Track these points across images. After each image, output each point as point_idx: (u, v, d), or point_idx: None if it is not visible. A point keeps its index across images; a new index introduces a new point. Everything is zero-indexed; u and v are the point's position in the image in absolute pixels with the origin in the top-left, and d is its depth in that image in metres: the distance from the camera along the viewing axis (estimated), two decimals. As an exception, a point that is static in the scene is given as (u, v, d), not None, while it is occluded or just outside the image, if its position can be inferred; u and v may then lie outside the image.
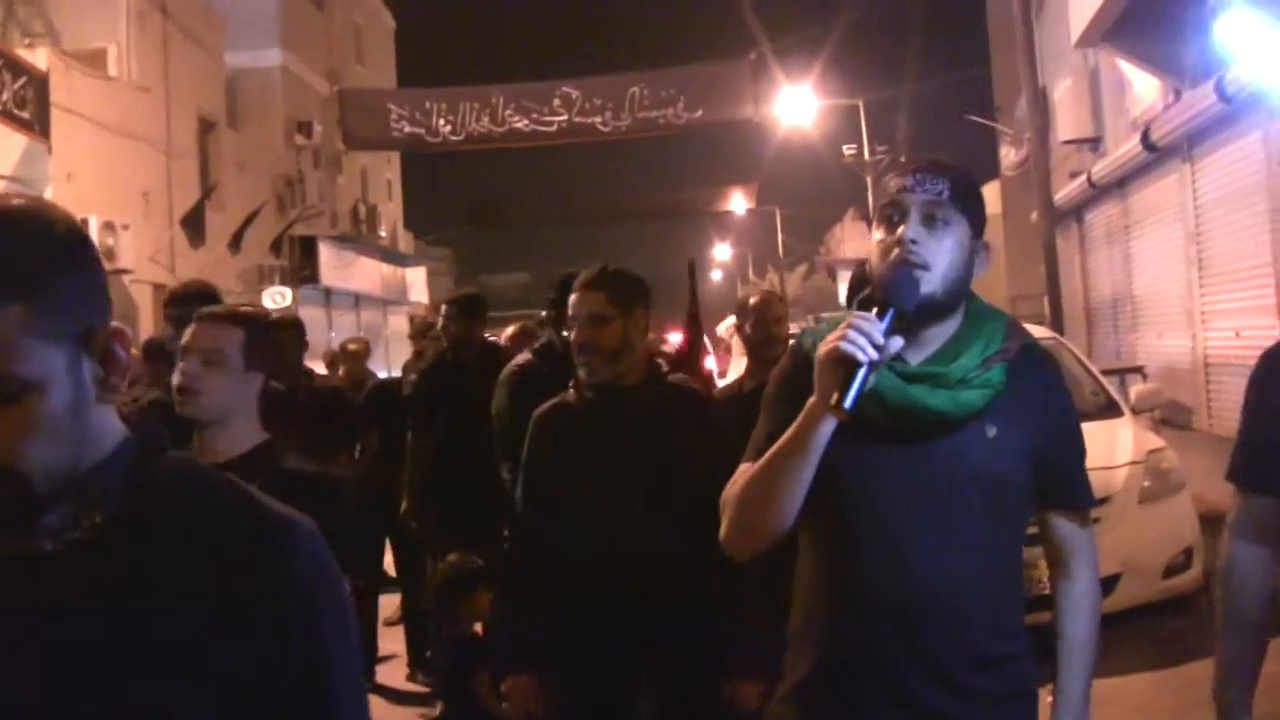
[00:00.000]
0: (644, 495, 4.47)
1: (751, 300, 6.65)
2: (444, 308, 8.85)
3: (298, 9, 35.48)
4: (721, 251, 74.37)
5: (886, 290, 2.88)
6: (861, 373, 2.70)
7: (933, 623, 2.93)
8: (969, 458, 2.93)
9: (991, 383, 2.94)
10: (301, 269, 32.48)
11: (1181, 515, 8.45)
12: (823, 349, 2.77)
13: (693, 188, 53.63)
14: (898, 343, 2.82)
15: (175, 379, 3.93)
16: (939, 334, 3.01)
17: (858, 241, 49.63)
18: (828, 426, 2.84)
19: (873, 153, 37.67)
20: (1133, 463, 8.51)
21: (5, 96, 18.63)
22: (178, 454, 1.86)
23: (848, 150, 39.29)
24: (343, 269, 35.76)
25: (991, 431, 2.95)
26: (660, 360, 5.06)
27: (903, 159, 30.75)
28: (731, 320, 15.61)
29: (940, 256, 2.94)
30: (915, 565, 2.92)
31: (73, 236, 1.73)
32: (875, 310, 2.82)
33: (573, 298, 4.69)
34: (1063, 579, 3.14)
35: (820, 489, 2.95)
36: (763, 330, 6.41)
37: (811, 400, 2.83)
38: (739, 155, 55.43)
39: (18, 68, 19.11)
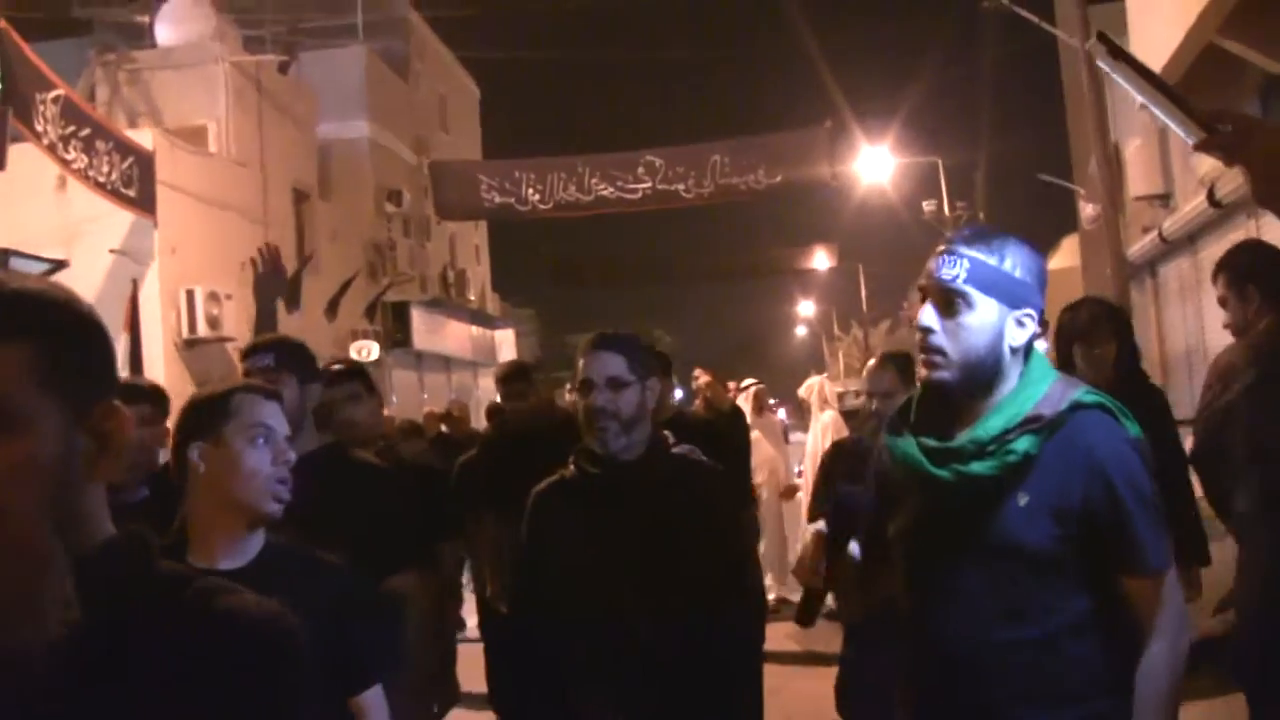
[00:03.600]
0: (640, 579, 4.08)
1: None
2: (497, 384, 8.75)
3: (383, 81, 36.20)
4: (805, 308, 74.50)
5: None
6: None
7: (954, 688, 3.07)
8: (998, 527, 3.01)
9: (1014, 452, 2.99)
10: (394, 333, 33.10)
11: (1230, 557, 8.80)
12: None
13: (775, 246, 53.87)
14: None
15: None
16: (982, 408, 3.11)
17: (916, 285, 49.62)
18: None
19: (952, 209, 37.72)
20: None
21: (114, 175, 19.36)
22: (168, 563, 1.85)
23: (927, 206, 39.41)
24: (433, 332, 36.32)
25: (1023, 500, 2.99)
26: (666, 434, 4.58)
27: (980, 215, 30.90)
28: (814, 380, 15.95)
29: (957, 342, 3.07)
30: (938, 630, 3.08)
31: (91, 315, 1.78)
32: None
33: (583, 360, 4.26)
34: (1147, 642, 3.03)
35: (901, 540, 3.21)
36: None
37: None
38: (821, 214, 55.67)
39: (126, 148, 19.89)
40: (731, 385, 15.02)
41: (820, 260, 49.29)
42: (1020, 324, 3.10)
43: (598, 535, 4.13)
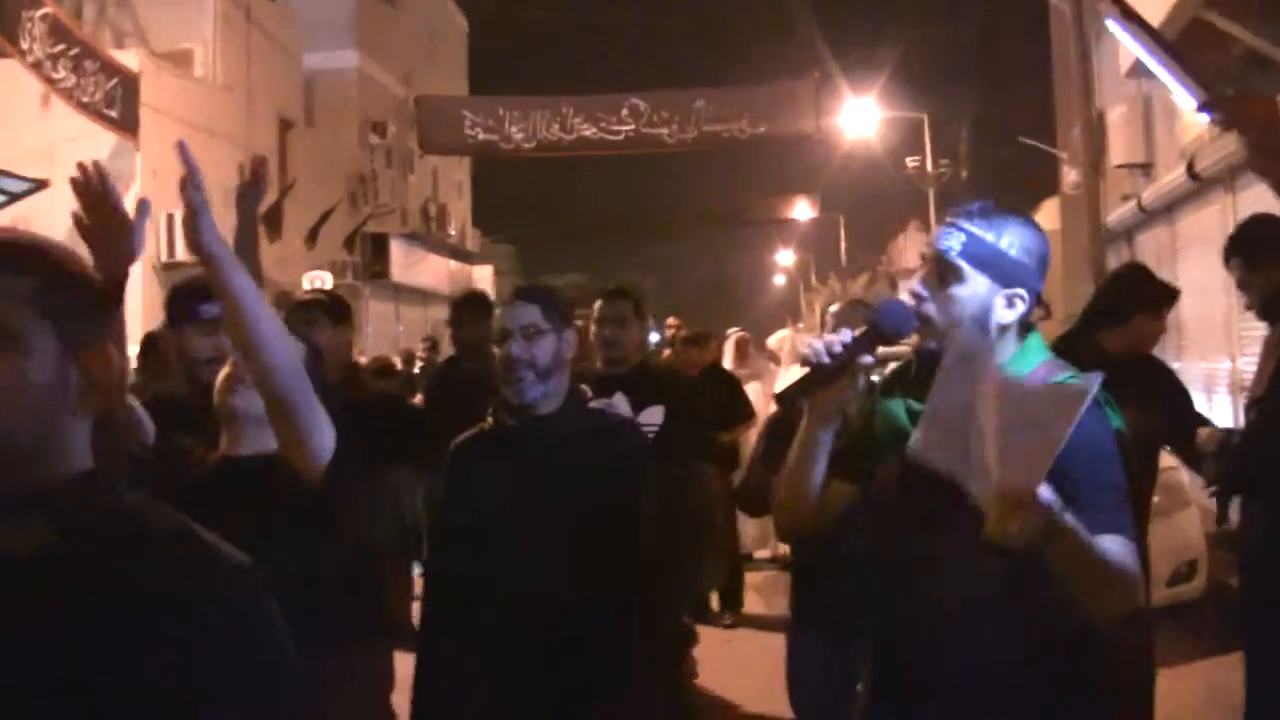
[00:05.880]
0: (550, 533, 4.05)
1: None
2: (450, 311, 8.27)
3: (372, 11, 36.15)
4: (785, 257, 74.31)
5: (874, 311, 3.20)
6: (810, 372, 3.09)
7: (923, 652, 3.16)
8: (968, 496, 2.95)
9: None
10: (373, 265, 33.18)
11: (1187, 529, 9.01)
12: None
13: (757, 195, 53.79)
14: (868, 359, 3.12)
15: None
16: None
17: (918, 252, 49.57)
18: (817, 427, 3.24)
19: (935, 166, 37.58)
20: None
21: (98, 96, 19.34)
22: (132, 495, 1.95)
23: (911, 163, 39.28)
24: (412, 266, 36.42)
25: None
26: (584, 388, 4.56)
27: (964, 174, 30.88)
28: (784, 332, 15.75)
29: (944, 313, 3.13)
30: (908, 589, 3.17)
31: (88, 270, 1.97)
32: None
33: (500, 311, 4.34)
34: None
35: (878, 499, 3.27)
36: None
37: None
38: (804, 164, 55.35)
39: (112, 69, 19.83)
40: (671, 322, 14.65)
41: (801, 210, 49.37)
42: (1010, 303, 3.14)
43: (512, 487, 4.12)
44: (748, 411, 11.02)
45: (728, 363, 12.97)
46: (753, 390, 12.11)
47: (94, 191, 3.38)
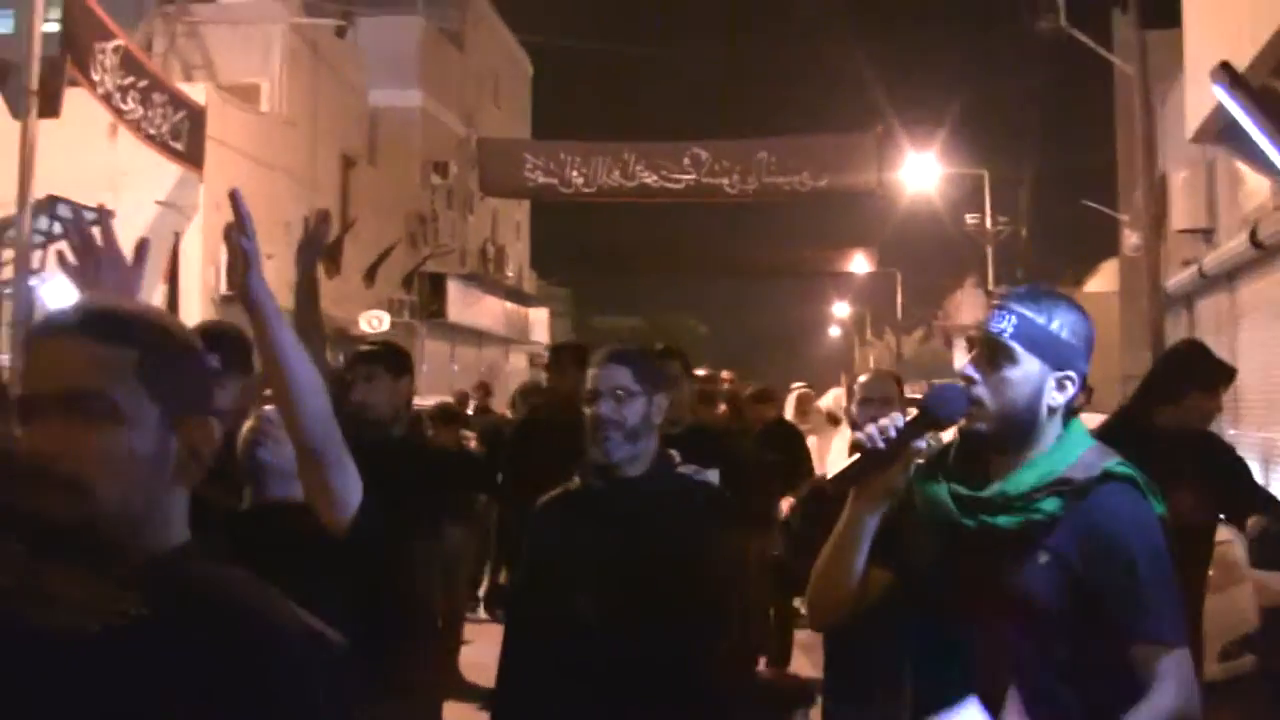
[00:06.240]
0: (646, 601, 4.04)
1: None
2: (550, 355, 8.20)
3: (437, 50, 36.40)
4: (840, 309, 74.08)
5: (926, 397, 3.16)
6: (863, 459, 3.07)
7: None
8: (1015, 581, 3.03)
9: (1038, 511, 3.02)
10: (430, 304, 33.27)
11: (1242, 604, 8.88)
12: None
13: (814, 246, 53.68)
14: (920, 444, 3.10)
15: None
16: (1015, 463, 3.13)
17: (975, 309, 49.42)
18: (864, 511, 3.19)
19: (995, 223, 37.48)
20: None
21: (165, 128, 19.56)
22: (232, 568, 1.97)
23: (970, 219, 39.16)
24: (469, 306, 36.49)
25: (1044, 558, 3.01)
26: (672, 452, 4.51)
27: (1024, 232, 30.72)
28: (838, 391, 15.46)
29: (997, 395, 3.11)
30: (973, 671, 3.09)
31: (192, 342, 2.01)
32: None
33: (592, 371, 4.29)
34: (1153, 697, 2.95)
35: (915, 584, 3.23)
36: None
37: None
38: (862, 217, 55.27)
39: (179, 102, 20.05)
40: (725, 375, 14.55)
41: (859, 264, 49.22)
42: (1060, 386, 3.13)
43: (596, 548, 4.13)
44: (809, 469, 10.97)
45: (789, 416, 12.90)
46: (810, 445, 12.06)
47: (85, 233, 3.36)
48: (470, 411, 16.84)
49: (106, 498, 1.80)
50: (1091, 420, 5.22)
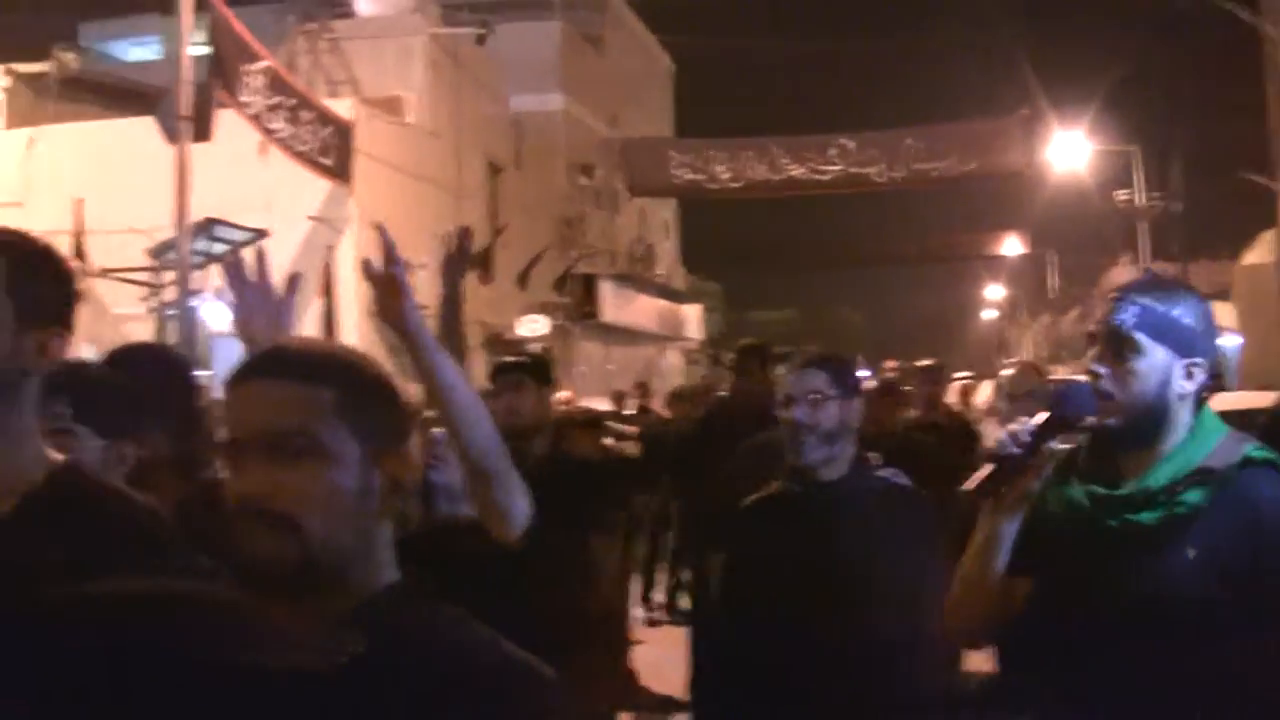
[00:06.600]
0: (849, 604, 4.09)
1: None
2: (737, 357, 8.30)
3: (577, 53, 36.50)
4: (993, 292, 73.29)
5: (1054, 397, 3.12)
6: (996, 466, 3.01)
7: None
8: (1162, 580, 2.94)
9: (1182, 504, 2.95)
10: (583, 305, 33.40)
11: None
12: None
13: (964, 231, 53.20)
14: (1054, 446, 3.04)
15: None
16: (1150, 458, 3.06)
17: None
18: (1002, 519, 3.10)
19: (1148, 199, 36.79)
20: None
21: (314, 144, 19.83)
22: (445, 606, 1.98)
23: (1122, 196, 38.43)
24: (622, 306, 36.54)
25: (1191, 553, 2.93)
26: (870, 455, 4.57)
27: (1178, 207, 30.11)
28: (992, 384, 15.16)
29: (1125, 388, 3.02)
30: (1098, 678, 2.99)
31: (386, 377, 2.03)
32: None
33: (788, 377, 4.39)
34: None
35: (1063, 591, 3.10)
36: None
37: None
38: (1012, 199, 54.51)
39: (326, 118, 20.30)
40: (890, 364, 14.29)
41: (1011, 246, 48.68)
42: (1189, 373, 3.05)
43: (795, 552, 4.19)
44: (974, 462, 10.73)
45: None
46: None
47: (238, 267, 3.37)
48: (631, 411, 16.80)
49: (316, 535, 1.84)
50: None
